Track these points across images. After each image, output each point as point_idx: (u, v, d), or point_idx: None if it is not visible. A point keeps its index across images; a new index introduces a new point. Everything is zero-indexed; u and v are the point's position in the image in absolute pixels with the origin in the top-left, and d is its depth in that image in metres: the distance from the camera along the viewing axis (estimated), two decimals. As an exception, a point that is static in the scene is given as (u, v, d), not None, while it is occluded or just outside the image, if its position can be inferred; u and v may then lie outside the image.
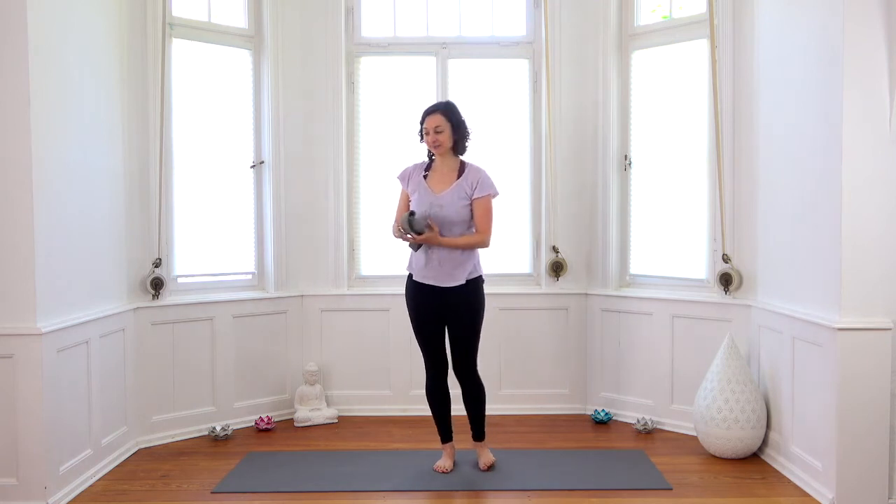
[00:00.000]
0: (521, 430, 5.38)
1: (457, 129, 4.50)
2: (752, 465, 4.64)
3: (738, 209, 5.08)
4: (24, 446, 3.97)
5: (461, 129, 4.51)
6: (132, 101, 4.97)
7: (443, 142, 4.47)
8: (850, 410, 3.94)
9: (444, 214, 4.42)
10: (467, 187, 4.45)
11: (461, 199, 4.44)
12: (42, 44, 4.02)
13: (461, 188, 4.46)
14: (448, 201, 4.43)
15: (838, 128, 3.94)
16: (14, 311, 3.94)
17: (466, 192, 4.45)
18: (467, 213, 4.44)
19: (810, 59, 4.23)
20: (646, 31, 5.58)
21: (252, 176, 5.63)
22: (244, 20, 5.60)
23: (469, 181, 4.46)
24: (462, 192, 4.45)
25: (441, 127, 4.46)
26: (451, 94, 5.84)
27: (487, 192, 4.45)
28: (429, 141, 4.50)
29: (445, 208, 4.42)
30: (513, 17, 5.89)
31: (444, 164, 4.55)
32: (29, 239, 3.92)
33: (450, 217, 4.42)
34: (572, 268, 5.78)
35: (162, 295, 5.13)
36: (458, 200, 4.44)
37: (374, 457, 4.77)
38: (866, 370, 3.94)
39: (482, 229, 4.43)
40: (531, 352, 5.81)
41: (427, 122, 4.49)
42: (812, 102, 4.22)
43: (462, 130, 4.52)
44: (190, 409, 5.29)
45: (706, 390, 4.75)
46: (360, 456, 4.76)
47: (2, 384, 3.94)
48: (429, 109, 4.53)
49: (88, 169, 4.49)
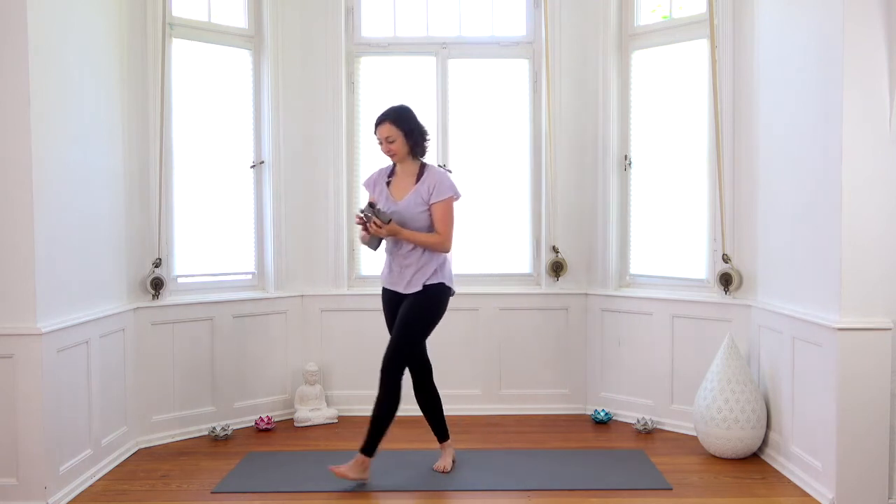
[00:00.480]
0: (521, 430, 5.37)
1: (410, 135, 4.39)
2: (752, 465, 4.64)
3: (738, 209, 5.08)
4: (24, 446, 3.97)
5: (414, 134, 4.41)
6: (132, 101, 4.97)
7: (396, 150, 4.40)
8: (850, 410, 3.94)
9: (402, 222, 4.36)
10: (424, 193, 4.37)
11: (418, 205, 4.36)
12: (42, 44, 4.02)
13: (418, 194, 4.38)
14: (405, 207, 4.37)
15: (838, 128, 3.94)
16: (14, 311, 3.94)
17: (423, 197, 4.37)
18: (426, 220, 4.36)
19: (810, 59, 4.23)
20: (646, 31, 5.58)
21: (252, 176, 5.63)
22: (244, 20, 5.60)
23: (426, 186, 4.37)
24: (419, 198, 4.37)
25: (392, 136, 4.37)
26: (451, 94, 5.84)
27: (445, 195, 4.36)
28: (383, 151, 4.44)
29: (403, 215, 4.36)
30: (513, 17, 5.89)
31: (403, 169, 4.48)
32: (29, 239, 3.92)
33: (408, 225, 4.36)
34: (572, 268, 5.78)
35: (162, 295, 5.13)
36: (416, 206, 4.36)
37: (374, 457, 4.77)
38: (866, 370, 3.94)
39: (440, 231, 4.34)
40: (531, 352, 5.81)
41: (378, 132, 4.41)
42: (812, 102, 4.22)
43: (416, 135, 4.41)
44: (190, 409, 5.29)
45: (706, 390, 4.75)
46: (360, 456, 4.76)
47: (2, 384, 3.94)
48: (378, 119, 4.43)
49: (88, 169, 4.49)
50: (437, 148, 5.82)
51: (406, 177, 4.45)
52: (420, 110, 4.42)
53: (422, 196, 4.36)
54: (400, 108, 4.45)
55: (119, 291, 4.89)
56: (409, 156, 4.45)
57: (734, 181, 5.08)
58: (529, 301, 5.79)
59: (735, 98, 5.05)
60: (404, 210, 4.36)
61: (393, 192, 4.45)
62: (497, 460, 4.72)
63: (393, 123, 4.37)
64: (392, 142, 4.38)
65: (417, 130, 4.41)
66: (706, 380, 4.79)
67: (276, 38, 5.62)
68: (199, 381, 5.33)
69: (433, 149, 5.82)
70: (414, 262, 4.36)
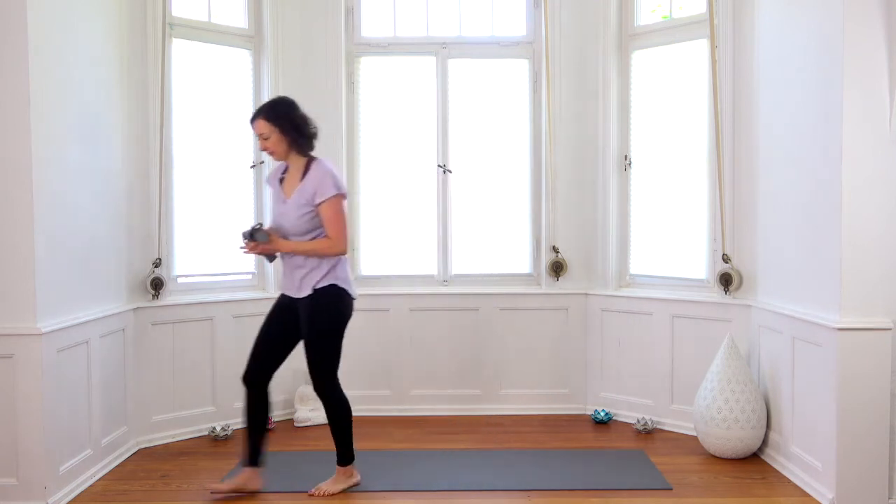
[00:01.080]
0: (521, 430, 5.37)
1: (288, 131, 4.00)
2: (752, 464, 4.64)
3: (738, 209, 5.08)
4: (24, 446, 3.97)
5: (293, 130, 4.00)
6: (132, 101, 4.97)
7: (274, 148, 4.03)
8: (850, 410, 3.94)
9: (284, 224, 4.04)
10: (307, 192, 3.97)
11: (301, 206, 3.98)
12: (42, 44, 4.02)
13: (302, 194, 3.98)
14: (289, 209, 4.02)
15: (838, 128, 3.94)
16: (14, 311, 3.94)
17: (306, 198, 3.97)
18: (310, 222, 3.99)
19: (810, 59, 4.24)
20: (646, 31, 5.58)
21: (252, 176, 5.63)
22: (244, 20, 5.59)
23: (310, 185, 3.98)
24: (302, 199, 3.98)
25: (266, 132, 3.99)
26: (452, 93, 5.84)
27: (328, 194, 3.94)
28: (260, 148, 4.09)
29: (286, 216, 4.02)
30: (513, 17, 5.89)
31: (292, 165, 4.10)
32: (29, 239, 3.92)
33: (289, 229, 4.02)
34: (572, 268, 5.78)
35: (162, 295, 5.13)
36: (299, 209, 3.98)
37: (373, 457, 4.77)
38: (866, 370, 3.94)
39: (330, 234, 3.96)
40: (531, 351, 5.81)
41: (253, 128, 4.06)
42: (812, 102, 4.22)
43: (295, 130, 4.01)
44: (190, 409, 5.29)
45: (706, 390, 4.75)
46: (360, 456, 4.75)
47: (2, 384, 3.94)
48: (252, 115, 4.07)
49: (88, 169, 4.49)
50: (437, 147, 5.83)
51: (295, 173, 4.08)
52: (420, 110, 4.40)
53: (305, 196, 3.98)
54: (275, 101, 4.09)
55: (119, 291, 4.89)
56: (293, 152, 4.06)
57: (734, 180, 5.08)
58: (529, 301, 5.79)
59: (735, 98, 5.05)
60: (288, 212, 4.01)
61: (285, 189, 4.09)
62: (497, 460, 4.72)
63: (266, 119, 4.00)
64: (266, 138, 4.01)
65: (295, 124, 4.01)
66: (706, 380, 4.79)
67: (276, 38, 5.62)
68: (199, 381, 5.33)
69: (433, 149, 5.83)
70: (303, 263, 4.01)
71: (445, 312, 5.79)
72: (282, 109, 4.02)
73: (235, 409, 5.48)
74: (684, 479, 4.41)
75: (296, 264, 4.05)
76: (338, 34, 5.77)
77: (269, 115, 4.00)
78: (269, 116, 4.00)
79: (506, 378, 5.82)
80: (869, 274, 3.95)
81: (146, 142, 5.04)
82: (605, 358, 5.73)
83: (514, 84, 5.86)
